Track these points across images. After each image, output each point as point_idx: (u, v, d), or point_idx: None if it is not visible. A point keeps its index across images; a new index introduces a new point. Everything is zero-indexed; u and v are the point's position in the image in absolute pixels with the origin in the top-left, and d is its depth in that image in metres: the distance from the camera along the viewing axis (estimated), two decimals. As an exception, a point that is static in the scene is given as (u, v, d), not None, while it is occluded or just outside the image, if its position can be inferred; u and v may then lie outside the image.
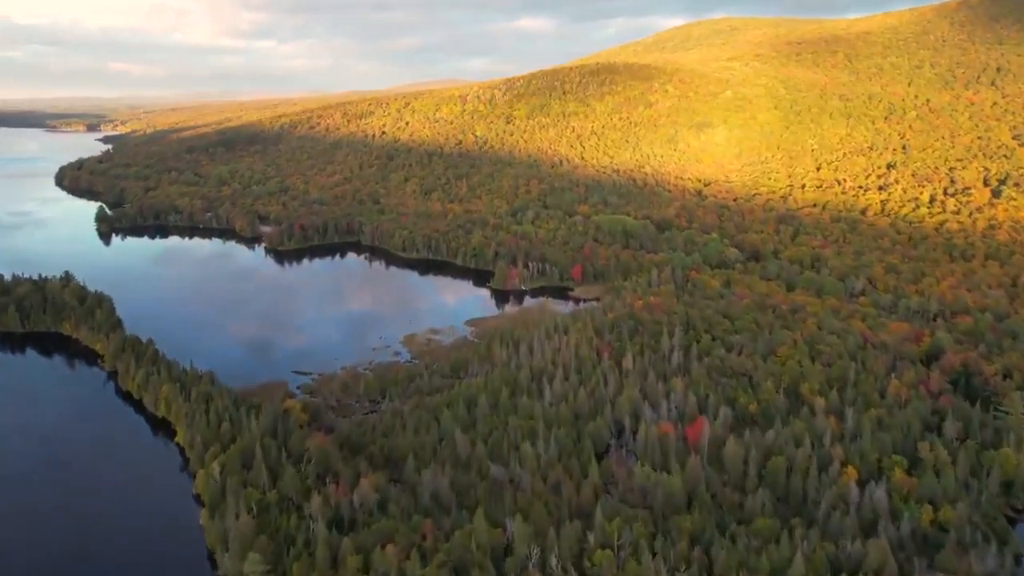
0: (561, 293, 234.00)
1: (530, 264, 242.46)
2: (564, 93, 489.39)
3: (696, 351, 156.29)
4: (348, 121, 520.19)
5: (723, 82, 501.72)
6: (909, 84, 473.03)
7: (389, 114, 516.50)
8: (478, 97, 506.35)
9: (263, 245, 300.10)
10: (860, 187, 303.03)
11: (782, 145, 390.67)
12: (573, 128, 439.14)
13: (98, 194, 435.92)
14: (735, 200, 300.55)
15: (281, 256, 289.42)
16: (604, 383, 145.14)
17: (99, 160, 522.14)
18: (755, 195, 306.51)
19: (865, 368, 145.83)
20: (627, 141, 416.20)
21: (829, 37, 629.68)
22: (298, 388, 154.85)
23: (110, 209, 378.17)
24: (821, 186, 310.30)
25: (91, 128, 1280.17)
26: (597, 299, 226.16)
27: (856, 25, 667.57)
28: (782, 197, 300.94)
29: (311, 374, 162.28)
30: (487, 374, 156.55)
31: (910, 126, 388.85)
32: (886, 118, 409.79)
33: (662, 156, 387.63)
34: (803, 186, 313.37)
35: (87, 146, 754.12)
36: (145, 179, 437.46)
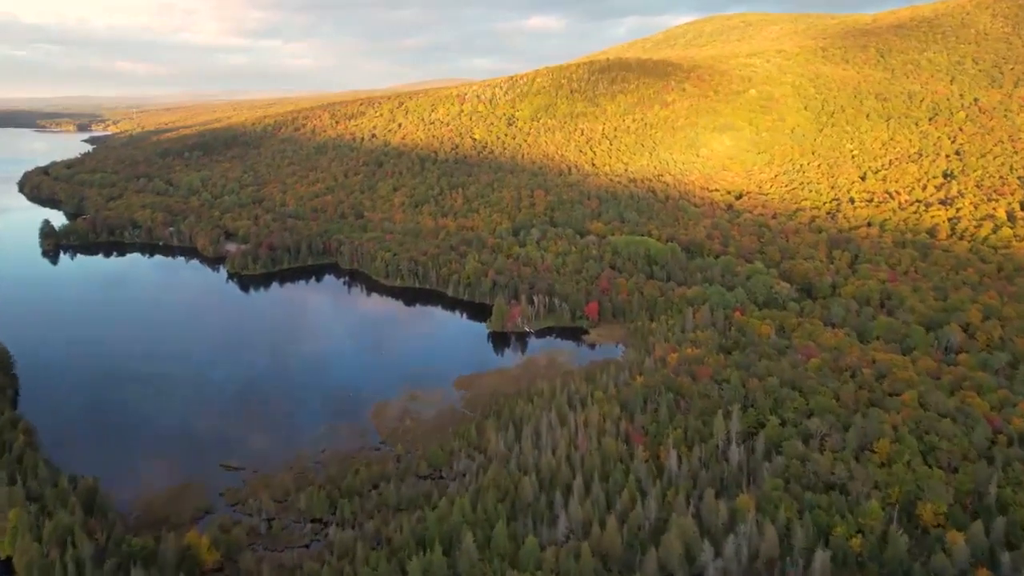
0: (574, 335, 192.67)
1: (535, 298, 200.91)
2: (571, 92, 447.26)
3: (763, 442, 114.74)
4: (336, 123, 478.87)
5: (745, 80, 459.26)
6: (951, 81, 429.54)
7: (381, 115, 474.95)
8: (477, 96, 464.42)
9: (226, 268, 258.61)
10: (918, 201, 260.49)
11: (817, 150, 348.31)
12: (582, 131, 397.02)
13: (60, 202, 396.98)
14: (774, 217, 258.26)
15: (245, 282, 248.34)
16: (640, 498, 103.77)
17: (67, 165, 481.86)
18: (797, 211, 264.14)
19: (1007, 477, 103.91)
20: (643, 145, 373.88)
21: (856, 32, 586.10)
22: (221, 495, 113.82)
23: (69, 220, 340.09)
24: (872, 200, 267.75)
25: (81, 128, 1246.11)
26: (618, 344, 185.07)
27: (883, 19, 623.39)
28: (829, 213, 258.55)
29: (243, 469, 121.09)
30: (478, 474, 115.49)
31: (960, 128, 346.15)
32: (931, 119, 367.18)
33: (683, 163, 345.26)
34: (851, 199, 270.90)
35: (78, 147, 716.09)
36: (111, 186, 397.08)
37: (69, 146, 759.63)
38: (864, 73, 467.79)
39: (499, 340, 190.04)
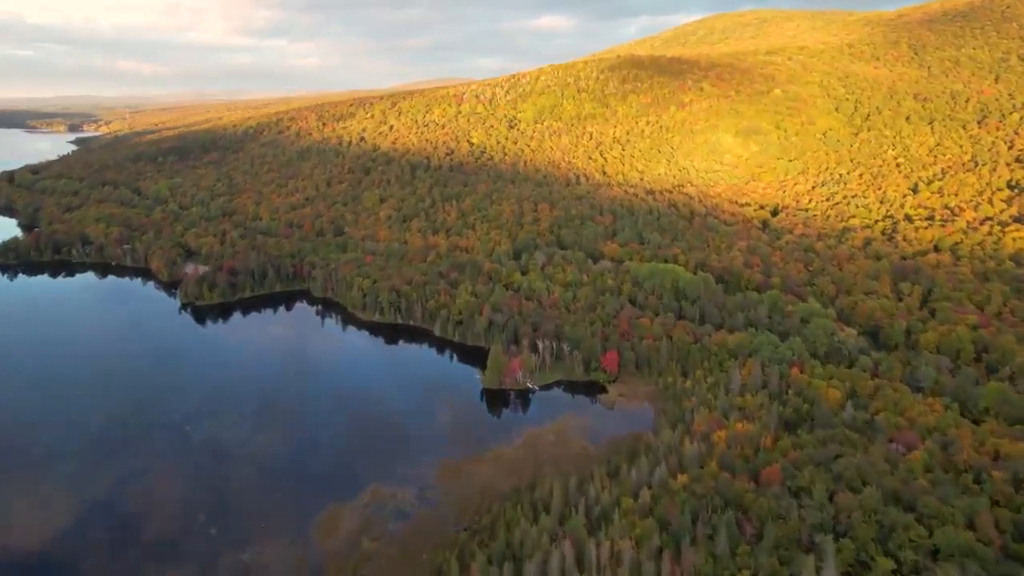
0: (588, 391, 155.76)
1: (540, 343, 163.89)
2: (579, 92, 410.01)
3: (877, 607, 77.56)
4: (323, 124, 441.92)
5: (768, 79, 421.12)
6: (996, 80, 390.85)
7: (372, 116, 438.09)
8: (476, 96, 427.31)
9: (178, 297, 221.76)
10: (989, 219, 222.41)
11: (856, 157, 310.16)
12: (591, 134, 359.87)
13: (16, 212, 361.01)
14: (819, 238, 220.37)
15: (202, 314, 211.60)
16: None
17: (33, 170, 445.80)
18: (845, 231, 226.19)
19: None
20: (659, 151, 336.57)
21: (882, 27, 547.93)
22: None
23: (24, 232, 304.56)
24: (933, 217, 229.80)
25: (73, 128, 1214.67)
26: (644, 403, 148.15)
27: (910, 14, 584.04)
28: (884, 234, 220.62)
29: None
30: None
31: (1016, 132, 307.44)
32: (980, 122, 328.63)
33: (706, 171, 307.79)
34: (907, 217, 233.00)
35: (65, 148, 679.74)
36: (73, 195, 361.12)
37: (64, 148, 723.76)
38: (898, 71, 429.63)
39: (495, 399, 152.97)
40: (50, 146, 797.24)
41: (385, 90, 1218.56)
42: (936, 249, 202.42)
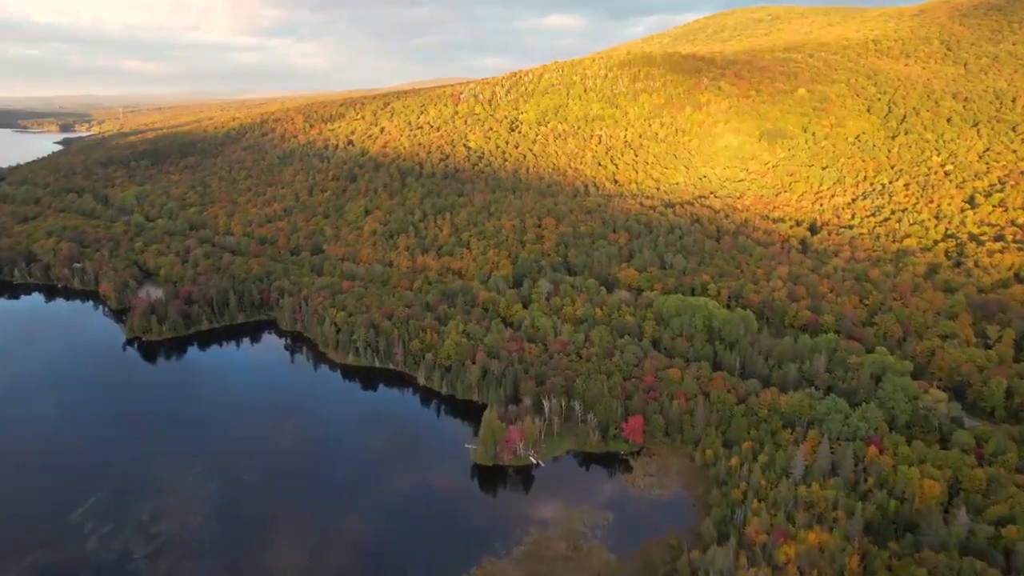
0: (606, 465, 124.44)
1: (546, 402, 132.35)
2: (586, 91, 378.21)
3: None
4: (310, 126, 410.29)
5: (790, 77, 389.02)
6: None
7: (362, 117, 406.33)
8: (475, 96, 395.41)
9: (123, 332, 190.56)
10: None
11: (897, 164, 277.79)
12: (599, 138, 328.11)
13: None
14: (873, 263, 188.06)
15: (152, 351, 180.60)
16: None
17: (0, 176, 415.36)
18: (902, 253, 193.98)
19: None
20: (675, 156, 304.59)
21: (910, 22, 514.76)
22: None
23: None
24: (1002, 236, 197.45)
25: (64, 128, 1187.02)
26: (678, 490, 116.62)
27: (935, 8, 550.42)
28: (950, 258, 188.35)
29: None
30: None
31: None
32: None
33: (730, 181, 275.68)
34: (971, 236, 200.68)
35: (49, 149, 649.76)
36: (34, 203, 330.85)
37: (49, 149, 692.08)
38: (932, 69, 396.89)
39: (489, 478, 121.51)
40: (39, 147, 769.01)
41: (384, 89, 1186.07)
42: (1018, 278, 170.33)
